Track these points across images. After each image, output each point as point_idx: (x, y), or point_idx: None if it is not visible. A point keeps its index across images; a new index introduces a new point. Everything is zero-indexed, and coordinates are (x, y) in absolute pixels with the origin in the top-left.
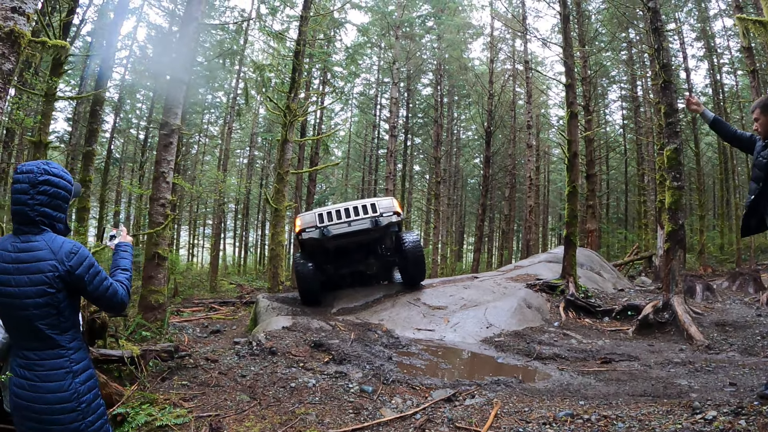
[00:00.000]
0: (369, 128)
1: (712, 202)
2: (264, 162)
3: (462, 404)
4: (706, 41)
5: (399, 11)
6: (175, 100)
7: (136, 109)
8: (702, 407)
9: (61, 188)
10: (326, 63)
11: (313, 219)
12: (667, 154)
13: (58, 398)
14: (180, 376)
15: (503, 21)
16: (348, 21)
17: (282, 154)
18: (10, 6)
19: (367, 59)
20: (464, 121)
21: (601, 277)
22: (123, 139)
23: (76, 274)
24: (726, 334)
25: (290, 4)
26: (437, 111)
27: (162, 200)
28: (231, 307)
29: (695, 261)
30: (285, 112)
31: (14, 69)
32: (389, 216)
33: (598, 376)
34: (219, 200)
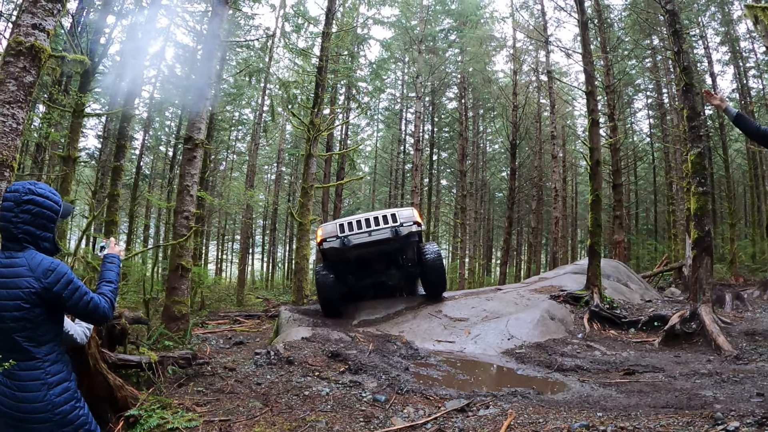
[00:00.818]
0: (395, 143)
1: (743, 209)
2: (291, 177)
3: (475, 415)
4: (730, 45)
5: (421, 26)
6: (198, 115)
7: (165, 126)
8: (724, 418)
9: (46, 208)
10: (350, 78)
11: (334, 229)
12: (691, 159)
13: (34, 408)
14: (196, 382)
15: (525, 32)
16: (371, 37)
17: (306, 168)
18: (31, 23)
19: (392, 74)
20: (490, 134)
21: (628, 288)
22: (152, 156)
23: (53, 291)
24: (756, 344)
25: (313, 22)
26: (462, 124)
27: (186, 213)
28: (256, 320)
29: (727, 271)
30: (309, 128)
31: (35, 81)
32: (409, 226)
33: (620, 387)
34: (246, 215)
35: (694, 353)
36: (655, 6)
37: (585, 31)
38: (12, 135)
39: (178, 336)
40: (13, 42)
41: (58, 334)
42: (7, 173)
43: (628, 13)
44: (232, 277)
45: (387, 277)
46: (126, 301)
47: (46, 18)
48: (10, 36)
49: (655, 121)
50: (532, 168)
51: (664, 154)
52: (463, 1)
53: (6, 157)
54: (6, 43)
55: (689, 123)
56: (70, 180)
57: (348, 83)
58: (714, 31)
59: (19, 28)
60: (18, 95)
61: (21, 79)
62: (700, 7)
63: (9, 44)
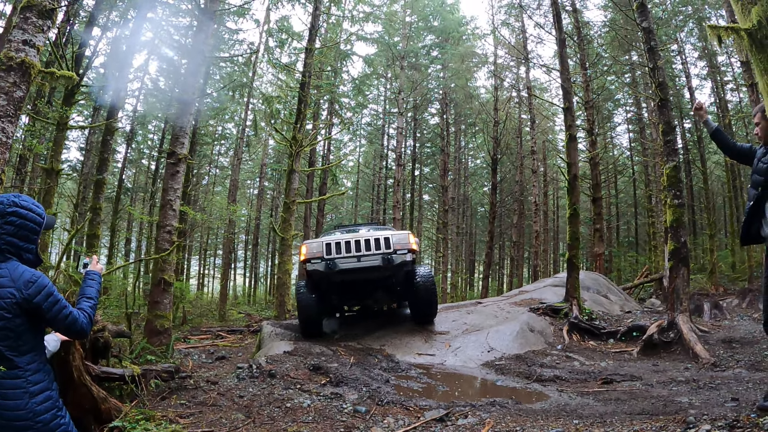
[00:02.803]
0: (377, 158)
1: (722, 220)
2: (274, 192)
3: (454, 424)
4: (708, 59)
5: (404, 42)
6: (182, 129)
7: (148, 139)
8: (696, 422)
9: (29, 220)
10: (333, 94)
11: (319, 249)
12: (667, 172)
13: (16, 416)
14: (179, 395)
15: (506, 49)
16: (354, 53)
17: (289, 183)
18: (21, 39)
19: (374, 90)
20: (471, 149)
21: (608, 299)
22: (134, 169)
23: (33, 302)
24: (733, 351)
25: (297, 38)
26: (444, 140)
27: (168, 227)
28: (238, 335)
29: (707, 280)
30: (291, 143)
31: (25, 96)
32: (403, 254)
33: (598, 396)
34: (229, 230)
35: (672, 362)
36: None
37: (563, 49)
38: (1, 149)
39: (161, 350)
40: (3, 57)
41: (39, 344)
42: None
43: (607, 29)
44: (214, 292)
45: (373, 301)
46: (108, 315)
47: (36, 35)
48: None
49: (635, 135)
50: (513, 183)
51: (644, 167)
52: (446, 18)
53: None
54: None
55: (665, 137)
56: (52, 193)
57: (331, 99)
58: (692, 47)
59: (10, 44)
60: (8, 110)
61: (11, 93)
62: (678, 23)
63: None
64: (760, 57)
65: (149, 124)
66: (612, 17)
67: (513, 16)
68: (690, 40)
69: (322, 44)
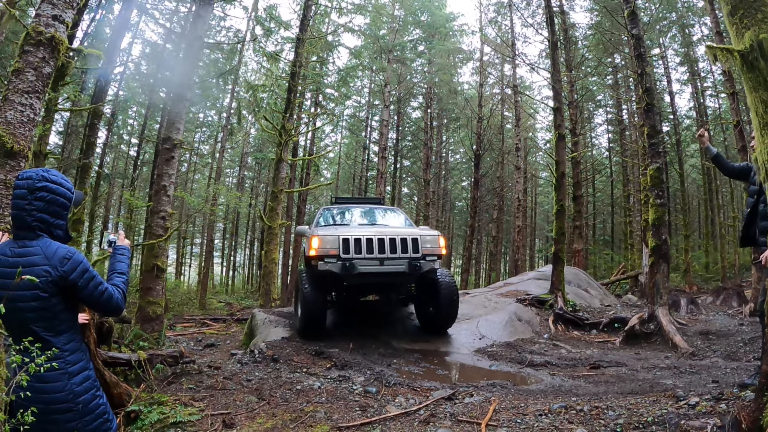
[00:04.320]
0: (359, 150)
1: (698, 222)
2: (254, 182)
3: (462, 402)
4: (689, 66)
5: (391, 35)
6: (177, 115)
7: (128, 125)
8: (685, 396)
9: (59, 195)
10: (319, 85)
11: (335, 245)
12: (650, 173)
13: (54, 399)
14: (186, 380)
15: (493, 46)
16: (341, 44)
17: (277, 172)
18: (51, 14)
19: (359, 82)
20: (453, 144)
21: (589, 293)
22: (113, 155)
23: (69, 280)
24: (710, 342)
25: (285, 26)
26: (427, 134)
27: (162, 213)
28: (222, 323)
29: (681, 279)
30: (281, 132)
31: (52, 73)
32: (432, 260)
33: (588, 379)
34: (210, 218)
35: (653, 351)
36: (618, 27)
37: (555, 51)
38: (29, 125)
39: (154, 337)
40: (32, 31)
41: (75, 323)
42: (23, 163)
43: (593, 32)
44: (191, 281)
45: (385, 303)
46: None
47: (65, 10)
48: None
49: (614, 136)
50: (494, 178)
51: (623, 167)
52: (434, 13)
53: (23, 147)
54: (25, 32)
55: (649, 140)
56: None
57: (316, 89)
58: (674, 52)
59: (39, 18)
60: (36, 85)
61: (40, 69)
62: (661, 28)
63: (28, 33)
64: (749, 76)
65: (129, 109)
66: (598, 20)
67: (501, 14)
68: (673, 45)
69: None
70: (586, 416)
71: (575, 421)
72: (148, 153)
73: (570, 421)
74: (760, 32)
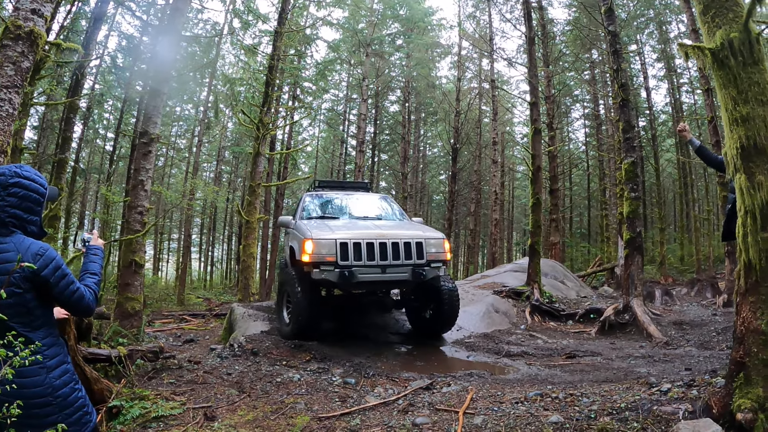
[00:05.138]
0: (337, 144)
1: (673, 215)
2: (231, 176)
3: (440, 391)
4: (666, 62)
5: (370, 29)
6: (155, 109)
7: (104, 119)
8: (658, 383)
9: (33, 191)
10: (297, 78)
11: (331, 250)
12: (625, 167)
13: (34, 393)
14: (167, 375)
15: (471, 41)
16: (319, 37)
17: (254, 166)
18: (30, 8)
19: (337, 75)
20: (431, 137)
21: (565, 285)
22: (89, 149)
23: (41, 276)
24: (683, 332)
25: (263, 19)
26: (404, 127)
27: (140, 208)
28: (201, 319)
29: (657, 272)
30: (258, 126)
31: (31, 67)
32: (437, 267)
33: (564, 368)
34: (188, 213)
35: (627, 341)
36: (596, 23)
37: (532, 46)
38: (8, 120)
39: (133, 333)
40: (11, 25)
41: (51, 318)
42: (2, 159)
43: (571, 28)
44: (168, 277)
45: (381, 307)
46: None
47: (44, 4)
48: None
49: (591, 131)
50: (471, 172)
51: (599, 162)
52: (412, 7)
53: (1, 142)
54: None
55: (624, 135)
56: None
57: (294, 83)
58: (651, 48)
59: (18, 12)
60: (15, 80)
61: (19, 64)
62: (639, 25)
63: (7, 27)
64: (720, 73)
65: (106, 103)
66: (576, 16)
67: (480, 9)
68: (650, 42)
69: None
70: (561, 403)
71: (550, 408)
72: (124, 147)
73: (545, 408)
74: (731, 31)
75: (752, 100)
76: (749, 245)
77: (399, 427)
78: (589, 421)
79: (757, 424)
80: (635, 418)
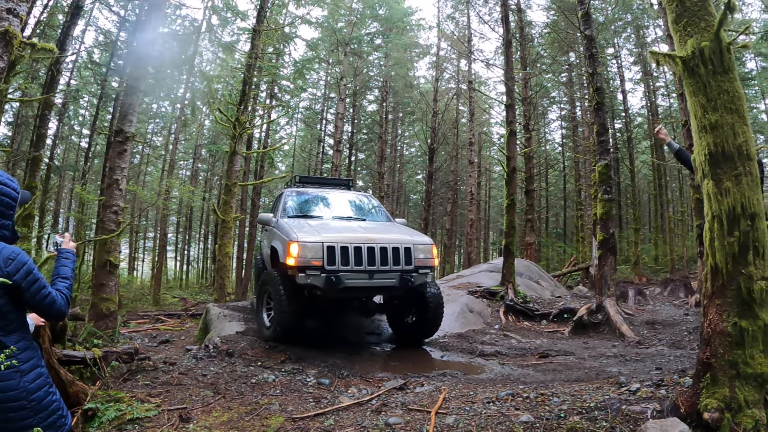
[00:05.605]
0: (314, 143)
1: (647, 216)
2: (207, 174)
3: (413, 391)
4: (642, 65)
5: (349, 28)
6: (130, 107)
7: (80, 115)
8: (627, 383)
9: (5, 195)
10: (275, 77)
11: (318, 254)
12: (599, 170)
13: (8, 397)
14: (142, 376)
15: (450, 42)
16: (298, 36)
17: (231, 165)
18: (5, 7)
19: (315, 74)
20: (408, 137)
21: (540, 285)
22: (64, 146)
23: (13, 280)
24: (656, 331)
25: (242, 17)
26: (382, 127)
27: (115, 207)
28: (177, 319)
29: (631, 271)
30: (234, 124)
31: (5, 68)
32: (425, 273)
33: (537, 368)
34: (163, 212)
35: (600, 340)
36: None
37: (509, 49)
38: None
39: (108, 334)
40: None
41: (24, 322)
42: None
43: (549, 31)
44: (144, 276)
45: (364, 312)
46: None
47: (20, 3)
48: None
49: (567, 132)
50: (448, 172)
51: (575, 163)
52: (391, 7)
53: None
54: None
55: (598, 137)
56: None
57: (272, 81)
58: (628, 52)
59: None
60: None
61: None
62: (616, 28)
63: None
64: (690, 81)
65: (81, 99)
66: (554, 19)
67: (459, 10)
68: (627, 45)
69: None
70: (532, 403)
71: (521, 408)
72: (100, 145)
73: (516, 407)
74: (702, 40)
75: (721, 108)
76: (716, 249)
77: (372, 428)
78: (558, 420)
79: (723, 424)
80: (604, 417)
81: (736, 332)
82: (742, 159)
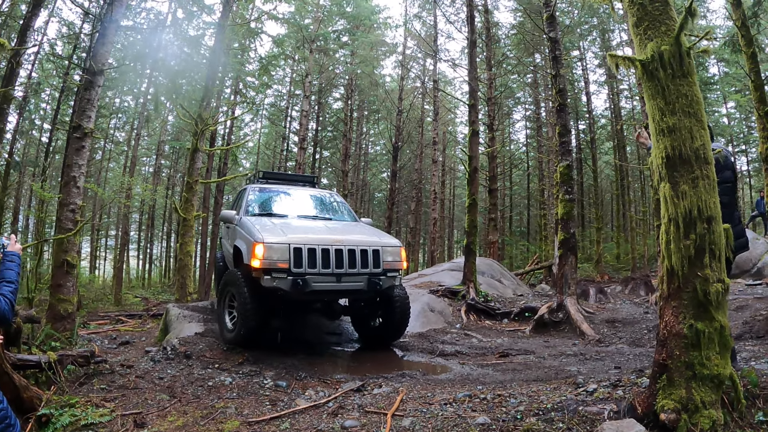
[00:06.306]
0: (278, 140)
1: (610, 215)
2: (171, 171)
3: (370, 393)
4: (607, 68)
5: (315, 25)
6: (89, 102)
7: (41, 109)
8: (585, 383)
9: None
10: (239, 73)
11: (285, 256)
12: (561, 170)
13: None
14: (98, 380)
15: (416, 41)
16: (264, 31)
17: (192, 162)
18: None
19: (280, 71)
20: (373, 135)
21: (502, 284)
22: (24, 141)
23: None
24: (616, 330)
25: (207, 11)
26: (347, 125)
27: (72, 205)
28: (138, 319)
29: (593, 269)
30: (196, 121)
31: None
32: (393, 276)
33: (496, 367)
34: (125, 209)
35: (561, 339)
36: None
37: (473, 49)
38: None
39: (66, 336)
40: None
41: None
42: None
43: (515, 32)
44: (106, 275)
45: (329, 314)
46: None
47: None
48: None
49: (532, 132)
50: (412, 170)
51: (539, 163)
52: (359, 4)
53: None
54: None
55: (560, 138)
56: None
57: (236, 77)
58: (593, 55)
59: None
60: None
61: None
62: (582, 32)
63: None
64: (649, 84)
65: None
66: (521, 21)
67: (426, 9)
68: (592, 48)
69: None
70: (489, 404)
71: (478, 409)
72: (60, 140)
73: (473, 409)
74: (662, 44)
75: (679, 112)
76: (672, 252)
77: (328, 431)
78: (515, 422)
79: (680, 425)
80: (561, 418)
81: (692, 334)
82: (700, 162)
